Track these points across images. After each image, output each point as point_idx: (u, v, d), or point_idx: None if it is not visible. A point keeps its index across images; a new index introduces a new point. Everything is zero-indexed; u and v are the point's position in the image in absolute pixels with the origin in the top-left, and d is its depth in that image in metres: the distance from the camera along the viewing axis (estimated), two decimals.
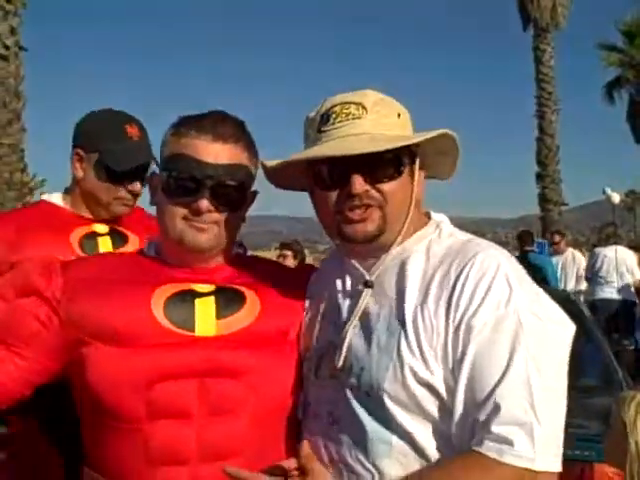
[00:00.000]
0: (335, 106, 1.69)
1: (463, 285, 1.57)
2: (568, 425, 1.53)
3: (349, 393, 1.65)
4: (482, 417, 1.47)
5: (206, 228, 1.78)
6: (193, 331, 1.74)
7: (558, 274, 10.87)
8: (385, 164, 1.65)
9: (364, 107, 1.67)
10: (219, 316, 1.77)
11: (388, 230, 1.68)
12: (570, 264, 11.45)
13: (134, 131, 2.49)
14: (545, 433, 1.46)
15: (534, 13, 25.81)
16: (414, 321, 1.59)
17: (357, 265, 1.75)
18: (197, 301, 1.78)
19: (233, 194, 1.81)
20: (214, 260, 1.88)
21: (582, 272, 11.35)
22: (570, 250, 12.20)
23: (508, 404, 1.46)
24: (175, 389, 1.68)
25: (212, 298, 1.79)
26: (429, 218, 1.81)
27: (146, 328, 1.72)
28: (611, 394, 3.31)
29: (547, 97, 25.86)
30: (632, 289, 10.81)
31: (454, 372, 1.54)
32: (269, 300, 1.84)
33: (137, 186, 2.50)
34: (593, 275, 10.85)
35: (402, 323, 1.61)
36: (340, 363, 1.67)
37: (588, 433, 3.34)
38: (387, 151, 1.61)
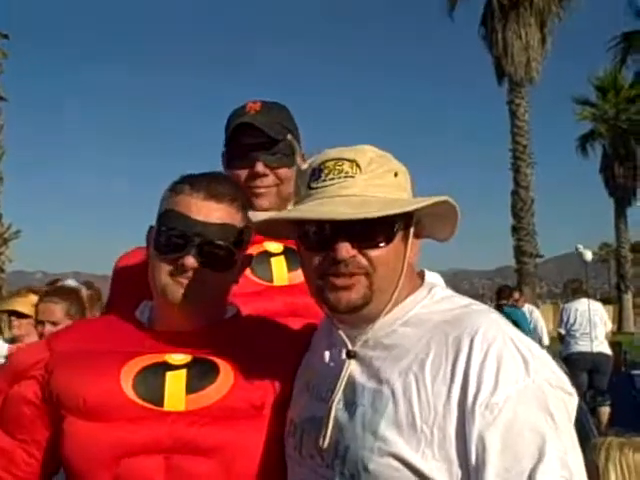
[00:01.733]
0: (328, 161, 1.57)
1: (468, 359, 1.43)
2: None
3: (331, 475, 1.53)
4: None
5: (188, 284, 1.75)
6: (162, 406, 1.70)
7: None
8: (375, 229, 1.52)
9: (358, 165, 1.54)
10: (190, 390, 1.72)
11: (375, 299, 1.55)
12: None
13: (254, 106, 2.28)
14: None
15: (508, 68, 26.26)
16: (407, 395, 1.46)
17: (342, 334, 1.62)
18: (168, 374, 1.73)
19: (222, 254, 1.77)
20: (196, 321, 1.82)
21: (540, 329, 11.33)
22: (527, 306, 12.23)
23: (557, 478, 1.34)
24: (142, 465, 1.65)
25: (184, 372, 1.74)
26: (422, 278, 1.70)
27: (113, 402, 1.69)
28: (587, 454, 3.24)
29: (522, 150, 26.20)
30: (606, 342, 10.82)
31: (470, 457, 1.38)
32: (243, 374, 1.76)
33: (260, 166, 2.21)
34: (566, 330, 10.88)
35: (392, 397, 1.48)
36: (325, 443, 1.55)
37: None
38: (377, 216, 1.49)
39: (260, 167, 2.19)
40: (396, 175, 1.59)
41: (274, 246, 2.23)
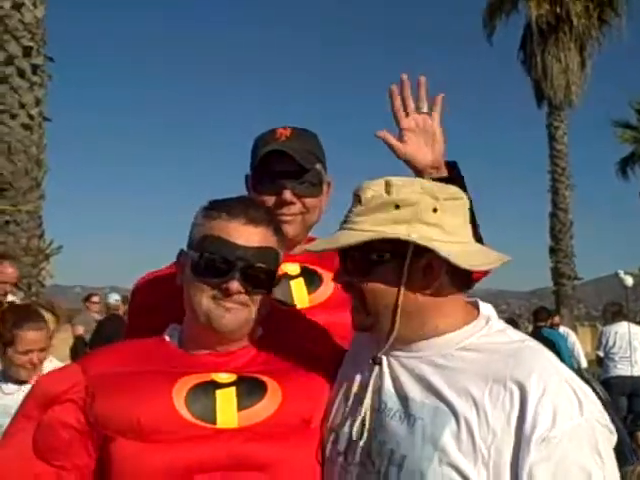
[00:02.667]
0: (357, 190, 1.69)
1: (526, 394, 1.50)
2: None
3: None
4: None
5: (234, 308, 1.79)
6: (215, 423, 1.71)
7: None
8: (356, 259, 1.68)
9: (359, 200, 1.67)
10: (240, 407, 1.74)
11: (380, 323, 1.68)
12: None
13: (285, 132, 2.25)
14: None
15: (548, 91, 26.16)
16: (467, 416, 1.53)
17: (378, 344, 1.72)
18: (218, 392, 1.75)
19: (262, 277, 1.82)
20: (237, 343, 1.87)
21: (577, 352, 11.24)
22: (563, 328, 12.20)
23: None
24: None
25: (233, 389, 1.77)
26: (477, 308, 1.76)
27: (168, 421, 1.69)
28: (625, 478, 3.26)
29: (560, 172, 26.05)
30: None
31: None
32: (290, 388, 1.80)
33: (287, 194, 2.17)
34: (605, 353, 10.72)
35: (453, 415, 1.55)
36: (363, 439, 1.65)
37: None
38: (363, 246, 1.61)
39: (288, 195, 2.17)
40: (397, 207, 1.63)
41: (291, 268, 2.24)
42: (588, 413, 1.51)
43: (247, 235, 1.81)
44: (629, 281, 17.65)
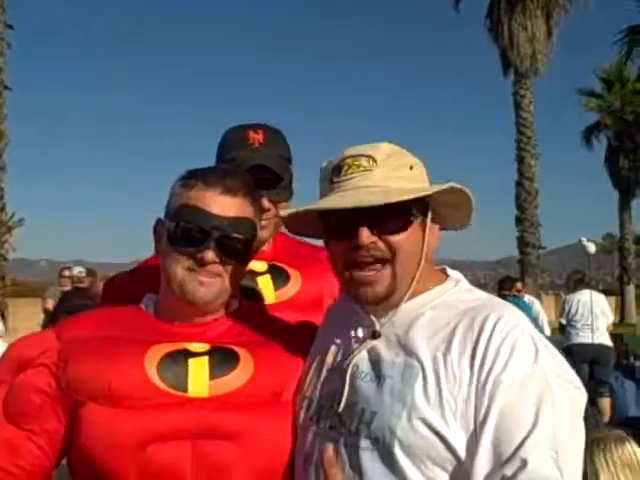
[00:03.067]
0: (347, 158, 1.69)
1: (488, 340, 1.57)
2: None
3: (354, 442, 1.63)
4: (509, 472, 1.46)
5: (208, 282, 1.79)
6: (186, 392, 1.72)
7: None
8: (393, 216, 1.64)
9: (374, 160, 1.67)
10: (212, 377, 1.75)
11: (399, 287, 1.68)
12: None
13: (257, 136, 2.28)
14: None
15: (514, 59, 26.22)
16: (435, 369, 1.58)
17: (367, 315, 1.75)
18: (190, 361, 1.76)
19: (238, 247, 1.82)
20: (212, 315, 1.87)
21: (541, 320, 11.39)
22: (528, 297, 12.34)
23: (535, 460, 1.46)
24: (168, 451, 1.66)
25: (206, 358, 1.77)
26: (445, 274, 1.81)
27: (139, 388, 1.70)
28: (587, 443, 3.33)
29: (526, 141, 26.21)
30: (607, 334, 10.86)
31: (476, 426, 1.52)
32: (263, 361, 1.82)
33: (265, 202, 2.18)
34: (568, 321, 10.88)
35: (421, 370, 1.59)
36: (341, 407, 1.67)
37: None
38: (395, 203, 1.59)
39: (266, 203, 2.18)
40: (411, 168, 1.71)
41: (258, 265, 2.26)
42: (543, 363, 1.56)
43: (223, 205, 1.80)
44: (591, 248, 17.90)
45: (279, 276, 2.31)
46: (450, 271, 1.82)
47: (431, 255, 1.77)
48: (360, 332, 1.77)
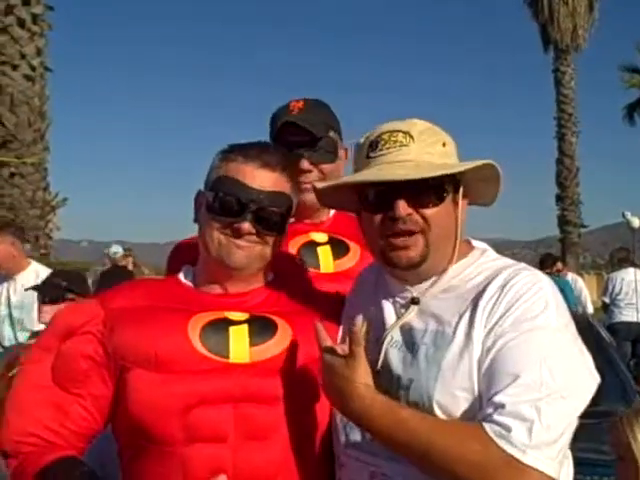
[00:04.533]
0: (384, 134, 1.74)
1: (505, 293, 1.63)
2: (588, 450, 1.54)
3: None
4: (491, 405, 1.52)
5: (245, 246, 1.83)
6: (228, 358, 1.78)
7: None
8: (428, 191, 1.69)
9: (411, 135, 1.71)
10: (252, 344, 1.80)
11: (431, 256, 1.72)
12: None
13: (298, 104, 2.38)
14: (544, 434, 1.48)
15: (554, 35, 25.90)
16: (466, 333, 1.63)
17: (402, 286, 1.79)
18: (231, 329, 1.82)
19: (274, 220, 1.86)
20: (249, 284, 1.92)
21: (584, 298, 11.30)
22: (571, 275, 12.24)
23: (517, 400, 1.50)
24: (211, 414, 1.72)
25: (245, 326, 1.83)
26: (471, 246, 1.85)
27: (183, 354, 1.76)
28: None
29: (567, 119, 25.92)
30: None
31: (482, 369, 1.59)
32: (300, 329, 1.86)
33: (304, 163, 2.28)
34: (612, 299, 10.74)
35: (453, 335, 1.64)
36: (379, 365, 1.72)
37: (607, 458, 3.31)
38: (430, 178, 1.65)
39: (305, 164, 2.27)
40: (444, 145, 1.76)
41: (319, 236, 2.35)
42: (560, 318, 1.62)
43: (261, 178, 1.84)
44: (636, 222, 17.45)
45: (339, 247, 2.38)
46: (475, 242, 1.86)
47: (463, 230, 1.80)
48: (393, 302, 1.81)
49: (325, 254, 2.35)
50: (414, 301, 1.75)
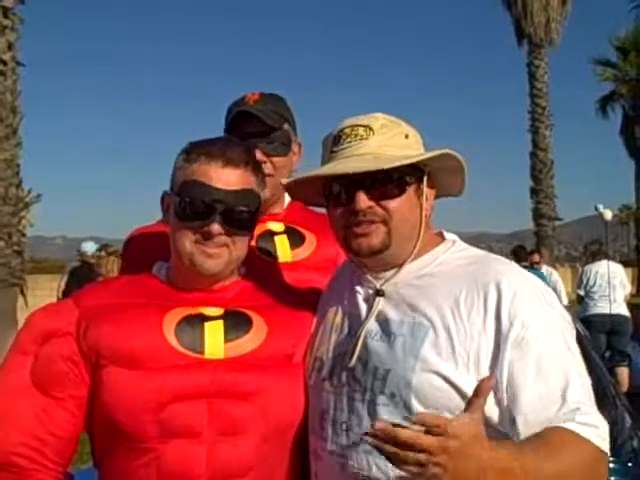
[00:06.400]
0: (346, 128, 1.78)
1: (499, 297, 1.64)
2: None
3: (369, 397, 1.70)
4: (566, 412, 1.54)
5: (215, 253, 1.84)
6: (203, 354, 1.80)
7: None
8: (389, 182, 1.73)
9: (371, 129, 1.76)
10: (227, 339, 1.83)
11: (394, 244, 1.75)
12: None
13: (253, 97, 2.37)
14: (606, 426, 1.58)
15: (528, 29, 25.94)
16: (445, 324, 1.66)
17: (369, 277, 1.83)
18: (206, 324, 1.84)
19: (243, 218, 1.87)
20: (222, 283, 1.94)
21: (559, 290, 11.41)
22: (545, 267, 12.36)
23: (583, 396, 1.57)
24: (185, 410, 1.73)
25: (220, 322, 1.85)
26: (442, 237, 1.89)
27: (158, 350, 1.78)
28: (604, 410, 3.32)
29: (541, 112, 25.97)
30: (624, 304, 10.82)
31: (502, 379, 1.59)
32: (275, 324, 1.89)
33: (258, 154, 2.14)
34: (586, 292, 10.86)
35: (431, 326, 1.67)
36: (352, 362, 1.74)
37: None
38: (390, 170, 1.68)
39: (258, 154, 2.19)
40: (407, 137, 1.80)
41: (276, 225, 2.38)
42: (555, 308, 1.68)
43: (226, 177, 1.84)
44: (608, 215, 17.62)
45: (295, 237, 2.41)
46: (447, 234, 1.89)
47: (428, 220, 1.84)
48: (363, 292, 1.85)
49: (282, 243, 2.38)
50: (378, 293, 1.78)
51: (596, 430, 1.53)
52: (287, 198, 2.50)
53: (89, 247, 11.02)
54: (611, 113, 37.90)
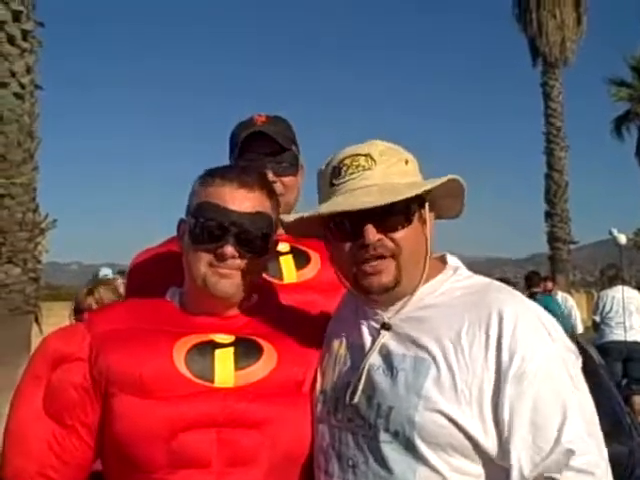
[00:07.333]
0: (346, 158, 1.75)
1: (500, 330, 1.61)
2: None
3: (373, 434, 1.67)
4: (559, 454, 1.52)
5: (229, 274, 1.85)
6: (212, 382, 1.79)
7: None
8: (396, 213, 1.70)
9: (372, 158, 1.72)
10: (237, 367, 1.82)
11: (404, 279, 1.73)
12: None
13: (261, 118, 2.43)
14: (605, 463, 1.55)
15: (543, 48, 25.99)
16: (446, 359, 1.63)
17: (374, 310, 1.80)
18: (217, 352, 1.83)
19: (257, 241, 1.87)
20: (234, 308, 1.94)
21: (574, 317, 11.30)
22: (561, 294, 12.28)
23: (579, 439, 1.53)
24: (195, 439, 1.73)
25: (231, 349, 1.84)
26: (444, 262, 1.86)
27: (168, 379, 1.77)
28: (620, 440, 3.28)
29: (555, 133, 25.97)
30: None
31: (500, 415, 1.57)
32: (285, 352, 1.88)
33: (270, 174, 2.28)
34: (602, 318, 10.73)
35: (433, 362, 1.64)
36: (356, 399, 1.71)
37: None
38: (396, 200, 1.65)
39: (270, 175, 2.26)
40: (407, 163, 1.78)
41: (281, 246, 2.31)
42: (557, 340, 1.65)
43: (240, 200, 1.86)
44: (622, 239, 17.39)
45: (300, 257, 2.41)
46: (449, 258, 1.87)
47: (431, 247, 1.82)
48: (368, 324, 1.82)
49: (288, 264, 2.38)
50: (385, 326, 1.75)
51: (591, 477, 1.51)
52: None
53: (105, 273, 10.99)
54: (626, 134, 37.69)
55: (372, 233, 1.68)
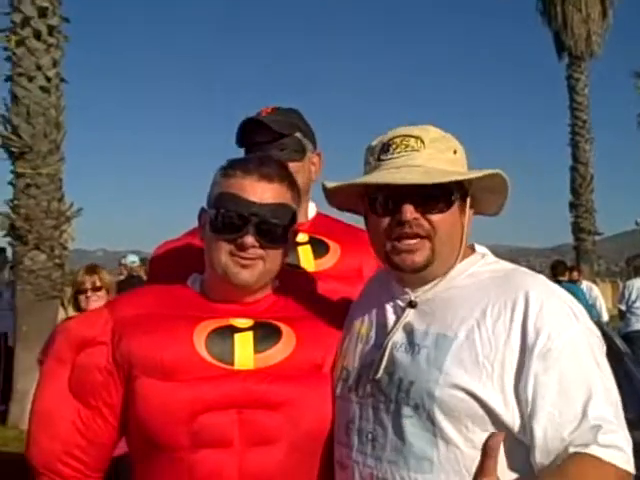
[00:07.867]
0: (396, 137, 1.78)
1: (526, 309, 1.63)
2: None
3: (394, 408, 1.70)
4: (585, 429, 1.51)
5: (250, 264, 1.88)
6: (233, 364, 1.83)
7: None
8: (436, 197, 1.73)
9: (422, 141, 1.75)
10: (257, 350, 1.86)
11: (436, 261, 1.75)
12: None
13: (267, 110, 2.47)
14: (631, 445, 1.54)
15: (568, 41, 25.72)
16: (469, 336, 1.65)
17: (403, 289, 1.82)
18: (236, 336, 1.87)
19: (277, 232, 1.90)
20: (254, 295, 1.97)
21: (599, 306, 11.22)
22: (585, 283, 12.22)
23: (605, 414, 1.53)
24: (216, 420, 1.77)
25: (250, 333, 1.88)
26: (473, 250, 1.88)
27: (189, 362, 1.81)
28: None
29: (581, 126, 25.70)
30: None
31: (527, 390, 1.57)
32: (304, 335, 1.92)
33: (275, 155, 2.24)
34: (628, 307, 10.68)
35: (455, 338, 1.66)
36: (379, 374, 1.74)
37: None
38: (438, 184, 1.69)
39: None
40: (455, 152, 1.80)
41: (300, 236, 2.34)
42: (583, 323, 1.65)
43: (261, 191, 1.88)
44: None
45: (319, 247, 2.44)
46: (478, 247, 1.89)
47: (467, 236, 1.83)
48: (394, 304, 1.85)
49: (306, 253, 2.41)
50: (411, 304, 1.78)
51: (619, 452, 1.50)
52: (312, 209, 2.56)
53: (133, 259, 11.18)
54: None
55: (410, 211, 1.70)
